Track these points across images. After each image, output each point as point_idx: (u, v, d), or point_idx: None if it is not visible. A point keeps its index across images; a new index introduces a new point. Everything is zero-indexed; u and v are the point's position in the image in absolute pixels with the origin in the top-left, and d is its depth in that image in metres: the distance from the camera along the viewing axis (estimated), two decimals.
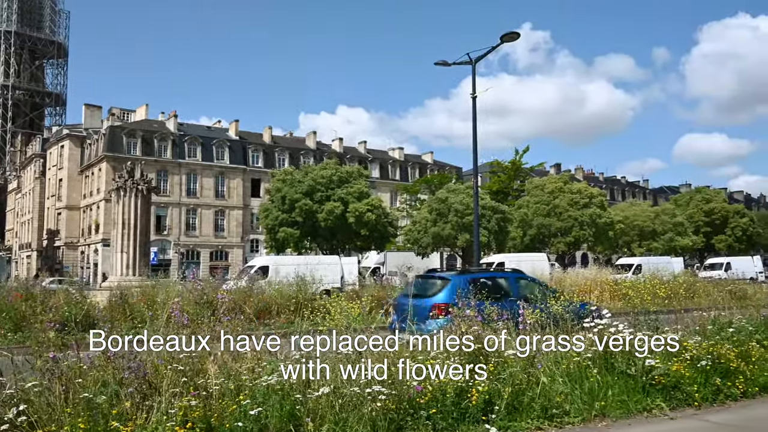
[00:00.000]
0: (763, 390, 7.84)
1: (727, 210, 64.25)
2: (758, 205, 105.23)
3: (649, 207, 63.15)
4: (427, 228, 43.44)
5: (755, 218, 67.47)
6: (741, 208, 67.28)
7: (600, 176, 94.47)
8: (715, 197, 66.80)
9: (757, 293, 19.22)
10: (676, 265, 39.70)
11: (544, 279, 21.23)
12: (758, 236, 66.01)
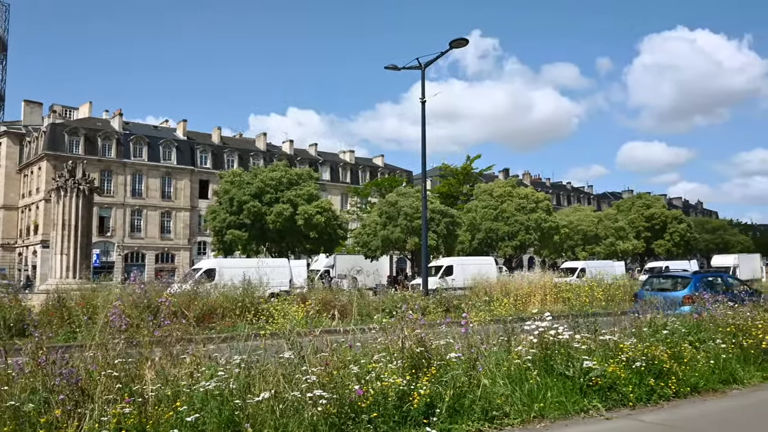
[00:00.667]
0: (694, 390, 8.12)
1: (666, 216, 66.48)
2: (695, 211, 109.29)
3: (592, 212, 64.80)
4: (377, 231, 43.51)
5: (692, 224, 70.02)
6: (679, 214, 69.72)
7: (547, 181, 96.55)
8: (655, 203, 69.04)
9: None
10: (618, 269, 40.98)
11: (490, 282, 21.58)
12: (695, 241, 68.52)
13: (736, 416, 7.33)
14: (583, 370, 7.54)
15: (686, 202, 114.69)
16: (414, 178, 75.87)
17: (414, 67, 22.83)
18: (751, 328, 9.79)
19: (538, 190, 62.34)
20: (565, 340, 7.89)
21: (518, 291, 19.15)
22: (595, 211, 69.31)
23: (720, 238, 74.87)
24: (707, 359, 8.82)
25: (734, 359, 9.14)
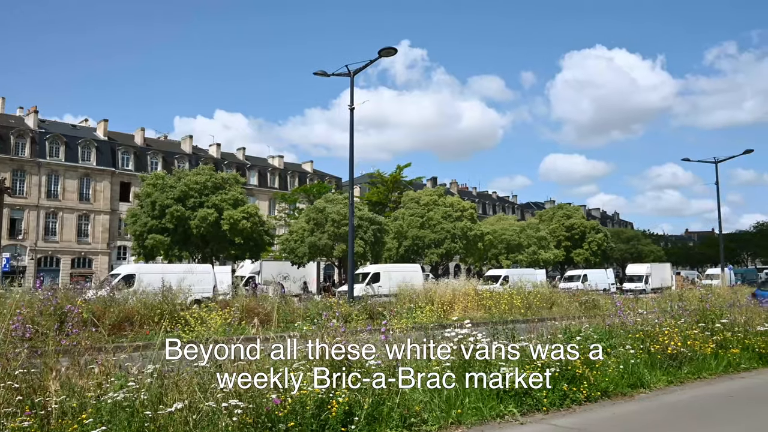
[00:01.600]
0: (605, 394, 8.45)
1: (585, 226, 69.07)
2: (612, 222, 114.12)
3: (516, 221, 66.58)
4: (304, 237, 43.19)
5: (609, 234, 73.03)
6: (597, 224, 72.59)
7: (473, 191, 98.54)
8: (575, 214, 71.62)
9: (607, 303, 20.72)
10: (539, 277, 42.16)
11: (415, 289, 21.78)
12: (611, 250, 71.52)
13: (641, 418, 7.67)
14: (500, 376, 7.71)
15: (604, 213, 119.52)
16: (343, 184, 75.86)
17: (343, 74, 22.88)
18: (658, 334, 10.26)
19: (464, 199, 63.57)
20: (482, 347, 8.05)
21: (442, 298, 19.42)
22: (518, 220, 71.25)
23: (634, 248, 78.39)
24: (617, 365, 9.19)
25: (642, 364, 9.56)
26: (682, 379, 9.74)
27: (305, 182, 73.74)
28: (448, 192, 70.22)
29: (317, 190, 58.85)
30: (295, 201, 60.86)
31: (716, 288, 23.79)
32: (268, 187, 75.20)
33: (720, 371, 10.41)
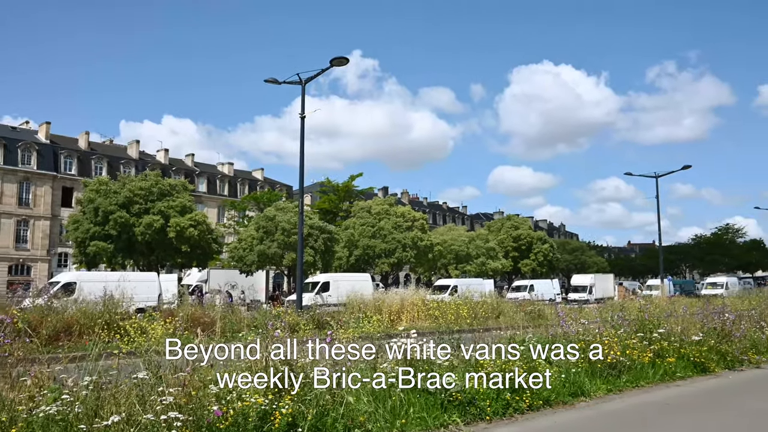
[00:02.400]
0: (546, 403, 8.61)
1: (532, 237, 70.39)
2: (558, 233, 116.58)
3: (465, 232, 67.35)
4: (253, 246, 42.70)
5: (555, 245, 74.59)
6: (543, 236, 74.06)
7: (424, 201, 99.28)
8: (523, 225, 72.96)
9: (552, 313, 21.14)
10: (487, 287, 42.72)
11: (364, 299, 21.77)
12: (557, 261, 73.02)
13: (581, 426, 7.85)
14: (445, 386, 7.78)
15: (551, 224, 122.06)
16: (294, 192, 75.34)
17: (294, 82, 22.79)
18: (598, 343, 10.50)
19: (415, 209, 63.97)
20: (429, 357, 8.11)
21: (391, 308, 19.47)
22: (468, 231, 72.08)
23: (578, 259, 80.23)
24: (559, 373, 9.38)
25: (583, 373, 9.78)
26: (621, 387, 10.00)
27: (255, 190, 72.93)
28: (399, 202, 70.54)
29: (267, 198, 58.30)
30: (244, 209, 60.14)
31: (655, 299, 24.55)
32: (217, 194, 74.08)
33: (657, 380, 10.73)
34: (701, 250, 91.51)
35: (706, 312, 14.77)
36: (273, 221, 42.85)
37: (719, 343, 12.76)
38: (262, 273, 46.19)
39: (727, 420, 8.34)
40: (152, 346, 7.09)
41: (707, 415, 8.61)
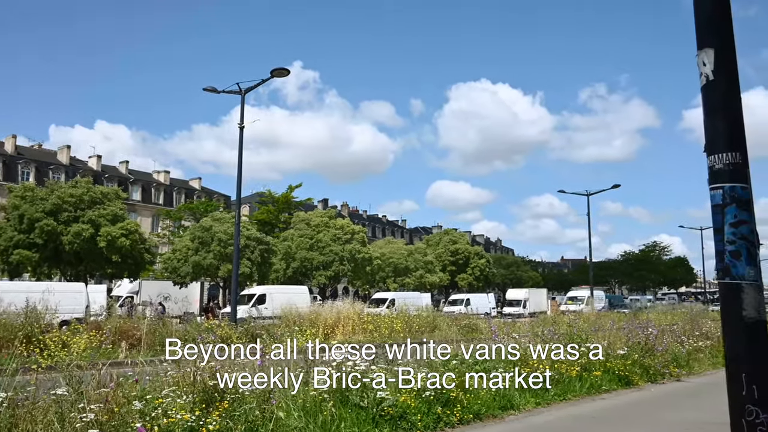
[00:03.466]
0: (477, 416, 8.74)
1: (469, 251, 71.48)
2: (495, 248, 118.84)
3: (404, 245, 67.80)
4: (188, 257, 41.73)
5: (491, 260, 75.98)
6: (480, 250, 75.34)
7: (364, 213, 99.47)
8: (461, 239, 74.01)
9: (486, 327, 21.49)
10: (425, 300, 43.04)
11: (300, 312, 21.59)
12: (493, 276, 74.31)
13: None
14: (377, 401, 7.80)
15: (488, 239, 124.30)
16: (232, 203, 73.98)
17: (234, 91, 22.55)
18: (528, 358, 10.74)
19: (355, 222, 63.98)
20: (361, 371, 8.11)
21: (326, 321, 19.39)
22: (407, 244, 72.60)
23: (514, 274, 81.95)
24: (490, 387, 9.54)
25: (513, 387, 9.97)
26: (549, 401, 10.25)
27: (192, 199, 71.41)
28: (339, 214, 70.46)
29: (204, 208, 57.18)
30: (180, 218, 58.74)
31: (584, 313, 25.31)
32: (152, 203, 72.15)
33: (584, 393, 11.05)
34: (630, 266, 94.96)
35: (632, 327, 15.35)
36: (209, 232, 42.03)
37: (643, 357, 13.27)
38: (197, 285, 45.16)
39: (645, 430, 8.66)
40: (75, 360, 6.83)
41: (629, 427, 8.91)
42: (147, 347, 14.21)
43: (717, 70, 2.42)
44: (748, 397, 2.27)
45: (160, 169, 78.16)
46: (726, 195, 2.39)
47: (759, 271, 2.38)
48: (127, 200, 56.97)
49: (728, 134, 2.42)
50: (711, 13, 2.46)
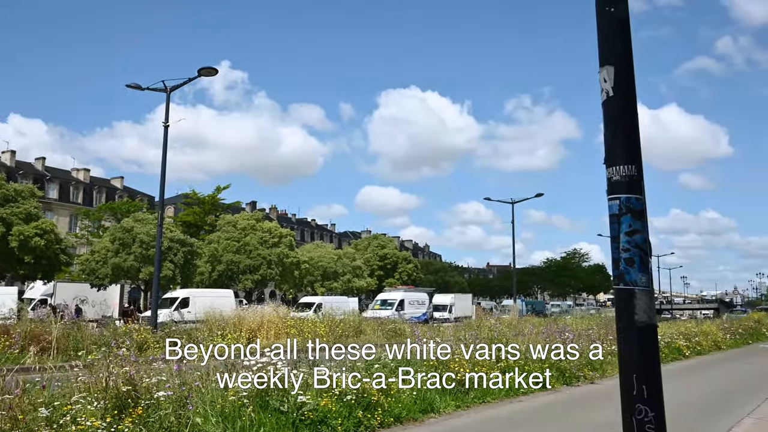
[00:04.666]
0: (397, 420, 8.82)
1: (397, 256, 72.08)
2: (423, 254, 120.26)
3: (333, 250, 67.64)
4: (108, 258, 40.26)
5: (419, 265, 76.89)
6: (408, 255, 76.12)
7: (292, 217, 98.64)
8: (389, 244, 74.53)
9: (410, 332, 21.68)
10: (352, 305, 43.02)
11: (224, 316, 21.14)
12: (420, 281, 75.16)
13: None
14: (297, 405, 7.75)
15: (416, 244, 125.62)
16: (156, 203, 71.92)
17: (159, 89, 21.95)
18: (450, 362, 10.94)
19: (283, 225, 63.37)
20: (282, 376, 8.04)
21: (251, 325, 19.09)
22: (335, 248, 72.46)
23: (441, 279, 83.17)
24: (411, 391, 9.65)
25: (434, 390, 10.12)
26: (469, 403, 10.46)
27: (114, 199, 68.86)
28: (267, 217, 69.57)
29: (127, 208, 55.26)
30: (100, 219, 56.55)
31: (506, 318, 25.96)
32: (70, 201, 69.12)
33: (503, 395, 11.32)
34: (552, 272, 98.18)
35: (550, 331, 15.85)
36: (130, 233, 40.70)
37: (559, 361, 13.72)
38: (116, 287, 43.57)
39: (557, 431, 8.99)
40: None
41: (542, 428, 9.21)
42: (59, 352, 13.62)
43: (616, 86, 2.56)
44: (638, 396, 2.40)
45: (79, 167, 75.03)
46: (622, 205, 2.53)
47: (651, 278, 2.52)
48: (43, 198, 54.38)
49: (625, 148, 2.56)
50: (612, 32, 2.60)
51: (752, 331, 31.17)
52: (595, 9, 2.66)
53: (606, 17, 2.59)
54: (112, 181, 78.50)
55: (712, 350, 23.19)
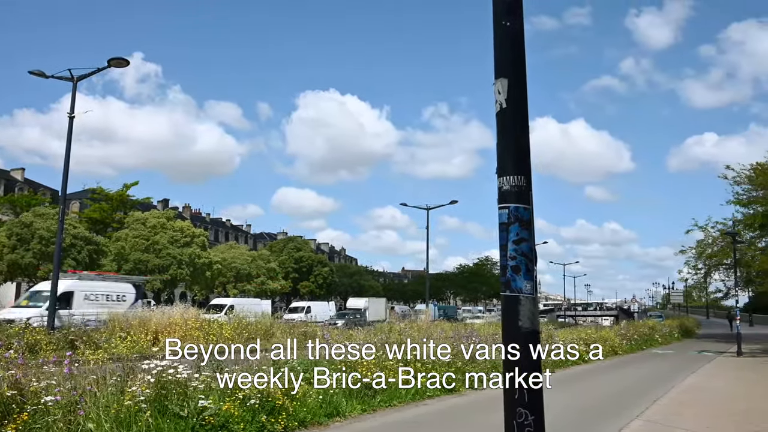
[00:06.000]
0: (302, 424, 8.75)
1: (313, 259, 71.72)
2: (339, 257, 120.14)
3: (247, 251, 66.48)
4: (3, 254, 37.90)
5: (335, 268, 76.80)
6: (324, 259, 75.90)
7: (207, 216, 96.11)
8: (305, 247, 74.06)
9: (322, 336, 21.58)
10: (265, 307, 42.48)
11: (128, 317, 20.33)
12: (335, 284, 75.13)
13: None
14: (198, 410, 7.55)
15: (332, 247, 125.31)
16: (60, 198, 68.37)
17: (65, 78, 20.90)
18: (357, 365, 10.96)
19: (197, 224, 61.72)
20: (183, 379, 7.81)
21: (157, 327, 18.46)
22: (250, 250, 71.23)
23: (356, 283, 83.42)
24: (317, 394, 9.60)
25: (341, 394, 10.12)
26: (376, 407, 10.52)
27: (13, 192, 64.88)
28: (179, 216, 67.50)
29: (27, 201, 52.21)
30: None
31: (416, 322, 26.32)
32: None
33: (409, 399, 11.46)
34: (464, 278, 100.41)
35: (458, 335, 16.20)
36: (29, 228, 38.48)
37: (465, 364, 14.02)
38: (12, 285, 41.13)
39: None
40: None
41: (447, 430, 9.38)
42: None
43: (509, 99, 2.65)
44: (519, 400, 2.48)
45: None
46: (511, 214, 2.61)
47: (535, 286, 2.62)
48: None
49: (515, 159, 2.64)
50: (507, 46, 2.69)
51: (646, 337, 32.98)
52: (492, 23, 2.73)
53: (501, 31, 2.67)
54: (12, 173, 73.89)
55: (609, 355, 24.36)
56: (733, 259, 33.00)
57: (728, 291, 46.15)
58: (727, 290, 46.85)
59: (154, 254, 47.33)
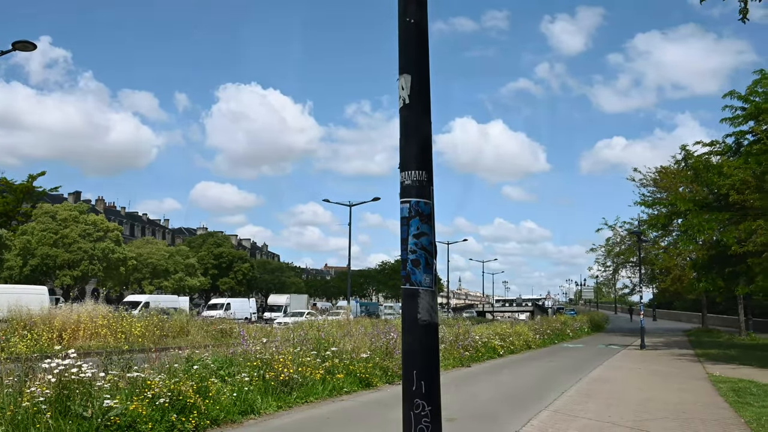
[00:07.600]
0: (214, 423, 8.56)
1: (233, 255, 70.40)
2: (261, 253, 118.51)
3: (165, 246, 64.53)
4: None
5: (256, 265, 75.69)
6: (245, 255, 74.69)
7: (122, 210, 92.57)
8: (226, 242, 72.59)
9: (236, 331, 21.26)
10: (182, 304, 41.43)
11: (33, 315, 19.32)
12: (256, 281, 74.07)
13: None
14: (103, 410, 7.27)
15: (254, 243, 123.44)
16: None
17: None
18: (274, 362, 10.87)
19: (111, 218, 59.37)
20: (87, 379, 7.50)
21: (64, 325, 17.64)
22: (168, 245, 69.17)
23: (278, 279, 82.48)
24: (232, 392, 9.44)
25: (256, 391, 9.98)
26: (292, 404, 10.43)
27: None
28: (93, 209, 64.68)
29: None
30: None
31: (336, 319, 26.31)
32: None
33: (326, 395, 11.43)
34: (386, 275, 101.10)
35: (377, 332, 16.30)
36: None
37: (383, 360, 14.16)
38: None
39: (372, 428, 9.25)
40: None
41: (358, 426, 9.42)
42: None
43: (412, 95, 2.68)
44: (417, 391, 2.51)
45: None
46: (412, 208, 2.65)
47: (434, 279, 2.66)
48: None
49: (417, 154, 2.68)
50: (411, 42, 2.72)
51: (558, 332, 34.30)
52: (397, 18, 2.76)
53: (406, 27, 2.70)
54: None
55: (523, 349, 25.17)
56: (638, 257, 34.80)
57: (634, 287, 48.75)
58: (633, 286, 49.48)
59: (64, 249, 45.21)
